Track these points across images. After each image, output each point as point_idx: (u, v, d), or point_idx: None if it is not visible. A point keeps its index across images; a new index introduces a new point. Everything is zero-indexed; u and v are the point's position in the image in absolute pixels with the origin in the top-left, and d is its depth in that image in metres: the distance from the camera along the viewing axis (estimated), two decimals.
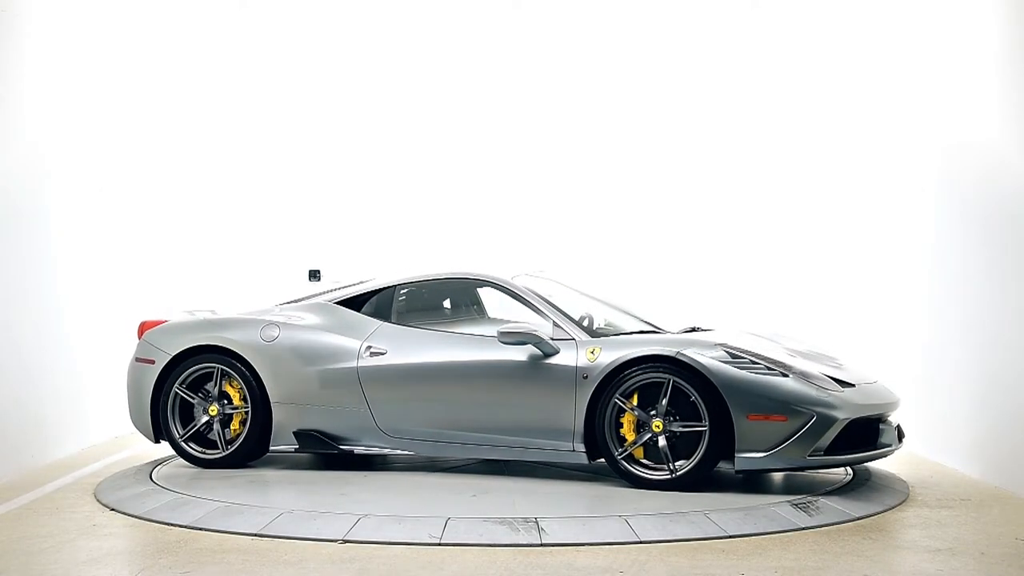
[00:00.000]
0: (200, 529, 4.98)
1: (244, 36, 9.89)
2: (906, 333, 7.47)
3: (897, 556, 4.47)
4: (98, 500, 5.73)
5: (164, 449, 7.59)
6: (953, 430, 6.66)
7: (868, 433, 5.75)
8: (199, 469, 6.60)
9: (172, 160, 9.52)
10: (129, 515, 5.33)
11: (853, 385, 5.74)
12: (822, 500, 5.43)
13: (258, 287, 9.68)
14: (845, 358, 6.43)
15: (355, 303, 6.83)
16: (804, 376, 5.58)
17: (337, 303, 6.85)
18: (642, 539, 4.68)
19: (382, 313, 6.72)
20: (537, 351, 6.01)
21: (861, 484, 5.86)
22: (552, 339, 6.03)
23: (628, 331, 6.46)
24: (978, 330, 6.35)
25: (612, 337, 6.11)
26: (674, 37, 10.05)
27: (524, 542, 4.63)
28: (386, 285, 6.85)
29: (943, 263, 6.88)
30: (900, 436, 5.97)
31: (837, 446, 5.53)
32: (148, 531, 5.01)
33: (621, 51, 10.11)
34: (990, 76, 6.23)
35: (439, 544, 4.63)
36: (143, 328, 7.13)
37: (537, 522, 4.90)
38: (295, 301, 7.17)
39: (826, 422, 5.43)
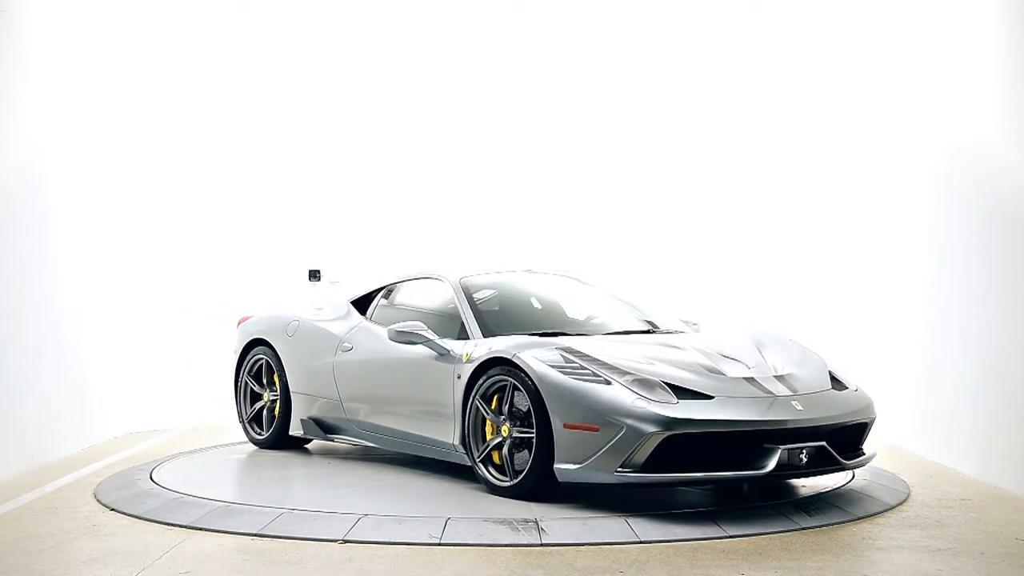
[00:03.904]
0: (200, 529, 4.97)
1: (244, 37, 9.88)
2: (906, 333, 7.47)
3: (897, 556, 4.46)
4: (98, 500, 5.73)
5: (164, 449, 7.62)
6: (953, 430, 6.66)
7: (746, 452, 5.11)
8: (199, 469, 6.72)
9: (172, 160, 9.51)
10: (129, 515, 5.32)
11: (709, 397, 5.16)
12: (822, 500, 5.43)
13: (258, 287, 9.69)
14: (812, 361, 5.86)
15: (363, 301, 7.19)
16: (639, 384, 5.11)
17: (352, 302, 7.24)
18: (642, 539, 4.67)
19: (370, 312, 7.06)
20: (431, 351, 6.11)
21: (862, 484, 5.86)
22: (457, 339, 6.09)
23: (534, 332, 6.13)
24: (978, 330, 6.35)
25: (499, 338, 5.88)
26: (675, 38, 10.05)
27: (524, 542, 4.63)
28: (380, 286, 7.20)
29: (943, 263, 6.88)
30: (823, 462, 5.23)
31: (688, 462, 5.00)
32: (148, 531, 5.01)
33: (622, 52, 10.11)
34: (989, 76, 6.23)
35: (439, 544, 4.63)
36: (239, 323, 7.89)
37: (537, 522, 4.90)
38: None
39: (636, 435, 4.93)
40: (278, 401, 7.27)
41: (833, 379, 5.78)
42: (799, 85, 9.48)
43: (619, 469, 4.99)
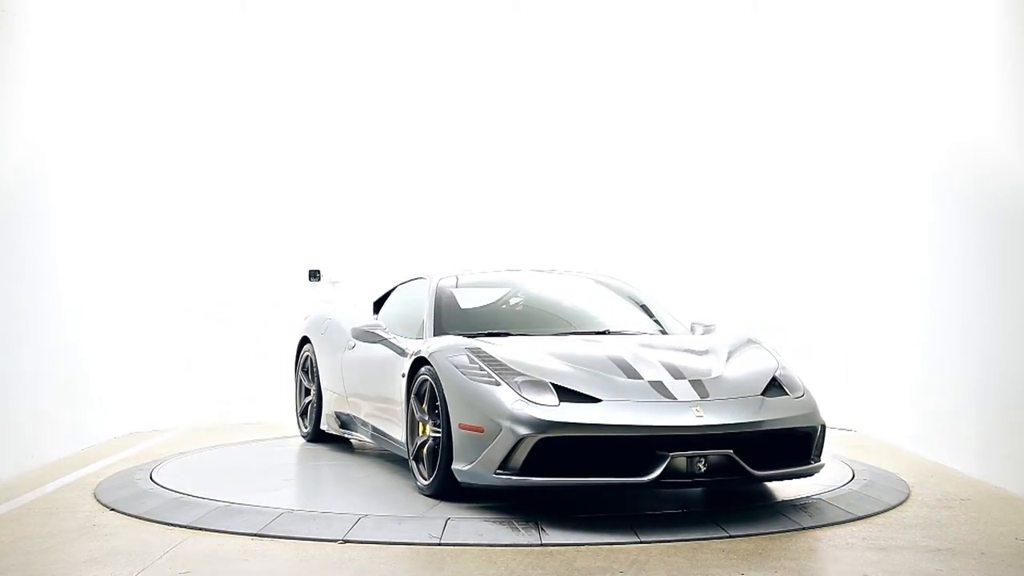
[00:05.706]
0: (200, 529, 4.97)
1: (244, 37, 9.88)
2: (906, 333, 7.47)
3: (897, 556, 4.46)
4: (98, 500, 5.73)
5: (164, 449, 7.62)
6: (953, 430, 6.66)
7: (633, 458, 4.92)
8: (199, 469, 6.71)
9: (172, 160, 9.51)
10: (129, 515, 5.32)
11: (596, 400, 5.03)
12: (822, 500, 5.43)
13: (258, 287, 9.68)
14: (752, 366, 5.54)
15: (381, 302, 7.38)
16: (527, 386, 5.06)
17: (373, 302, 7.43)
18: (642, 539, 4.67)
19: (381, 312, 7.21)
20: (390, 349, 6.24)
21: (861, 484, 5.86)
22: (417, 338, 6.17)
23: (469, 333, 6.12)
24: (978, 330, 6.35)
25: (440, 337, 5.87)
26: (675, 38, 10.05)
27: (524, 542, 4.63)
28: (393, 286, 7.33)
29: (943, 263, 6.88)
30: (735, 471, 5.00)
31: (570, 467, 4.88)
32: (148, 531, 5.01)
33: (623, 53, 10.10)
34: (989, 76, 6.23)
35: (439, 544, 4.63)
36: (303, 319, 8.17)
37: (537, 522, 4.90)
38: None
39: (512, 437, 4.89)
40: (315, 397, 7.55)
41: (775, 385, 5.40)
42: (799, 85, 9.48)
43: (498, 471, 4.96)
